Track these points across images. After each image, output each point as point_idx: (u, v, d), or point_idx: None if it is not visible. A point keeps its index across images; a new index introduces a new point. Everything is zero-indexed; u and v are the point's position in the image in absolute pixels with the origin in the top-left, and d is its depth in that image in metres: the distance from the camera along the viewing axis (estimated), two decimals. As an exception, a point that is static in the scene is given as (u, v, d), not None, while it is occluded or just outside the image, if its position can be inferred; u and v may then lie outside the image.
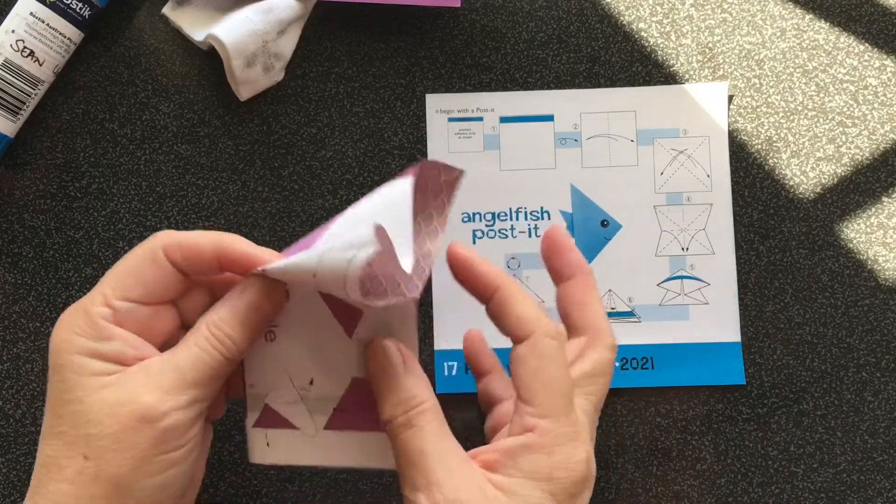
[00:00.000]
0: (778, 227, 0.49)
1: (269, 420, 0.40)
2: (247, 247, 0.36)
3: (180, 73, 0.50)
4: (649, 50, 0.50)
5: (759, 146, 0.50)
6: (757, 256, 0.49)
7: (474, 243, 0.49)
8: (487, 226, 0.49)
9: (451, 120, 0.50)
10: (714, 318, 0.48)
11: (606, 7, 0.50)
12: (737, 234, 0.49)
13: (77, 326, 0.34)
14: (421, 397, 0.35)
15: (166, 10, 0.49)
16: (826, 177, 0.49)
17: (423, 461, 0.34)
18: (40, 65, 0.47)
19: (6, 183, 0.49)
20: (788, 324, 0.48)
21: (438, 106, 0.50)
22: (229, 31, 0.46)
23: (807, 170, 0.49)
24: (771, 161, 0.50)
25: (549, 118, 0.50)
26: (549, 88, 0.50)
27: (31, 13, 0.46)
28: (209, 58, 0.49)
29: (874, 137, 0.50)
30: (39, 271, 0.49)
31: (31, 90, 0.47)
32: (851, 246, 0.49)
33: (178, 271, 0.36)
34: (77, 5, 0.47)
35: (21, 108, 0.47)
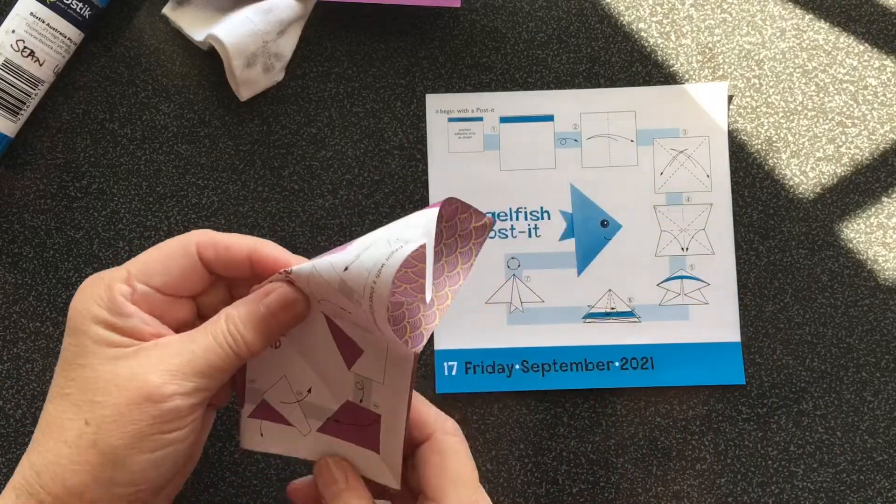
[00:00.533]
0: (778, 227, 0.49)
1: (265, 414, 0.40)
2: (281, 253, 0.37)
3: (180, 74, 0.50)
4: (649, 50, 0.50)
5: (759, 146, 0.50)
6: (757, 256, 0.49)
7: (474, 243, 0.49)
8: (487, 226, 0.49)
9: (451, 120, 0.50)
10: (714, 318, 0.48)
11: (606, 7, 0.50)
12: (737, 234, 0.49)
13: (97, 297, 0.36)
14: None
15: (166, 10, 0.49)
16: (826, 177, 0.49)
17: None
18: (40, 65, 0.47)
19: (6, 183, 0.49)
20: (788, 324, 0.49)
21: (438, 106, 0.50)
22: (229, 32, 0.46)
23: (806, 170, 0.50)
24: (771, 161, 0.50)
25: (549, 118, 0.50)
26: (549, 88, 0.50)
27: (32, 13, 0.46)
28: (209, 58, 0.49)
29: (874, 137, 0.50)
30: (40, 271, 0.49)
31: (32, 90, 0.47)
32: (851, 246, 0.49)
33: (205, 268, 0.37)
34: (77, 5, 0.47)
35: (21, 108, 0.47)
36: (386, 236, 0.34)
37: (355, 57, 0.50)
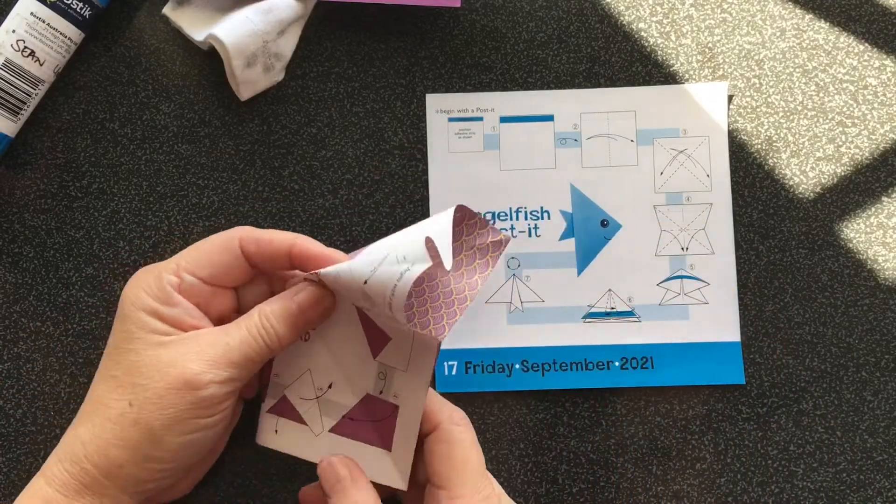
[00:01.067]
0: (778, 226, 0.49)
1: (283, 410, 0.43)
2: (319, 247, 0.40)
3: (181, 73, 0.50)
4: (649, 50, 0.50)
5: (759, 146, 0.50)
6: (757, 256, 0.49)
7: (474, 243, 0.49)
8: (487, 225, 0.49)
9: (451, 120, 0.50)
10: (714, 317, 0.48)
11: (606, 7, 0.50)
12: (736, 234, 0.49)
13: (147, 286, 0.39)
14: None
15: (166, 10, 0.49)
16: (826, 176, 0.49)
17: None
18: (41, 65, 0.47)
19: (7, 183, 0.49)
20: (788, 323, 0.49)
21: (438, 106, 0.50)
22: (229, 32, 0.46)
23: (806, 169, 0.50)
24: (771, 161, 0.50)
25: (549, 118, 0.50)
26: (549, 88, 0.50)
27: (32, 13, 0.46)
28: (209, 58, 0.49)
29: (874, 137, 0.50)
30: (40, 271, 0.49)
31: (32, 90, 0.47)
32: (851, 246, 0.49)
33: (247, 262, 0.41)
34: (77, 5, 0.47)
35: (22, 108, 0.47)
36: (396, 252, 0.37)
37: (355, 57, 0.50)
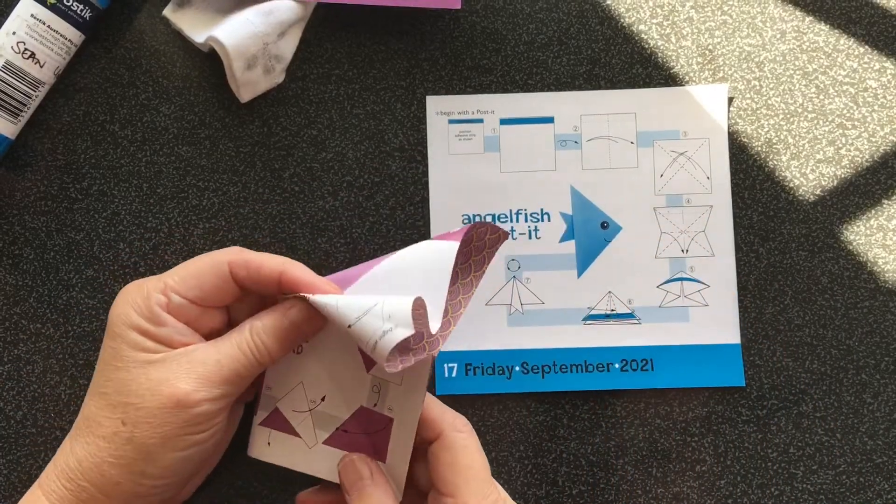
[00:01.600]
0: (778, 229, 0.49)
1: (276, 422, 0.42)
2: (310, 276, 0.40)
3: (181, 75, 0.50)
4: (649, 52, 0.50)
5: (759, 148, 0.50)
6: (757, 258, 0.49)
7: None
8: (488, 227, 0.49)
9: (451, 122, 0.50)
10: (714, 319, 0.48)
11: (607, 9, 0.50)
12: (737, 236, 0.49)
13: (135, 304, 0.39)
14: None
15: (167, 11, 0.49)
16: (826, 179, 0.49)
17: None
18: (41, 66, 0.47)
19: (7, 184, 0.49)
20: (788, 326, 0.49)
21: (439, 108, 0.50)
22: (230, 33, 0.46)
23: (806, 172, 0.50)
24: (771, 163, 0.50)
25: (550, 120, 0.50)
26: (550, 90, 0.50)
27: (32, 15, 0.46)
28: (210, 60, 0.49)
29: (874, 140, 0.50)
30: (40, 273, 0.49)
31: (32, 92, 0.47)
32: (851, 248, 0.49)
33: (236, 285, 0.40)
34: (78, 7, 0.47)
35: (22, 110, 0.47)
36: (383, 307, 0.37)
37: (356, 59, 0.50)
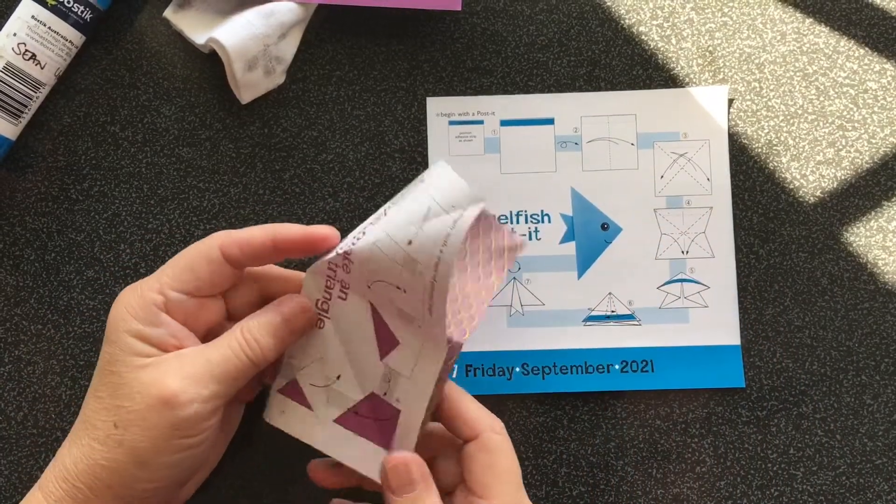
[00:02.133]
0: (778, 230, 0.49)
1: (293, 392, 0.42)
2: (300, 229, 0.39)
3: (181, 76, 0.50)
4: (650, 53, 0.50)
5: (759, 150, 0.50)
6: (757, 260, 0.49)
7: (475, 246, 0.49)
8: (488, 229, 0.49)
9: (451, 123, 0.50)
10: (714, 321, 0.49)
11: (607, 10, 0.50)
12: (737, 238, 0.49)
13: (131, 307, 0.39)
14: None
15: (167, 13, 0.49)
16: (826, 180, 0.50)
17: None
18: (42, 68, 0.47)
19: (8, 185, 0.49)
20: (788, 327, 0.49)
21: (439, 109, 0.50)
22: (230, 35, 0.46)
23: (807, 173, 0.50)
24: (771, 164, 0.50)
25: (550, 121, 0.50)
26: (550, 92, 0.50)
27: (33, 16, 0.46)
28: (210, 61, 0.50)
29: (874, 141, 0.50)
30: (41, 274, 0.49)
31: (33, 93, 0.47)
32: (851, 249, 0.49)
33: (231, 266, 0.40)
34: (78, 8, 0.47)
35: (23, 111, 0.47)
36: (439, 202, 0.36)
37: (356, 60, 0.50)
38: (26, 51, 0.46)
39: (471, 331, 0.40)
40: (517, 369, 0.48)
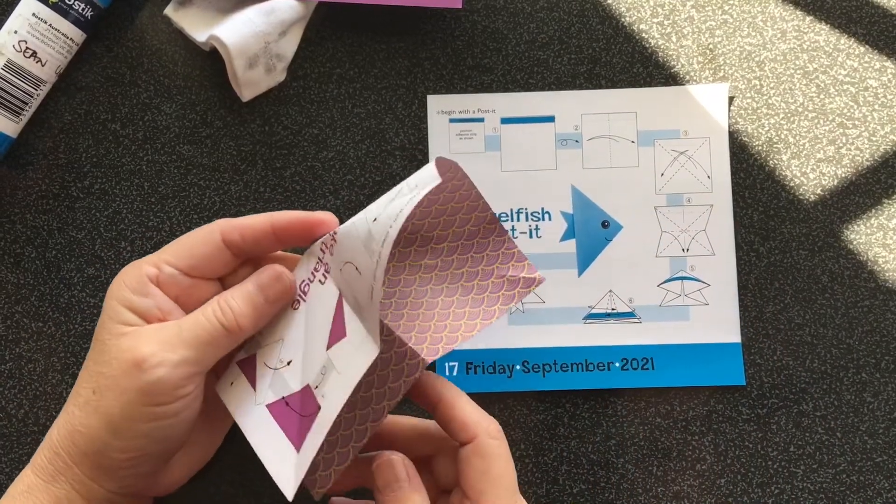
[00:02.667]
0: (778, 228, 0.49)
1: (247, 367, 0.42)
2: (299, 213, 0.40)
3: (182, 74, 0.50)
4: (650, 51, 0.50)
5: (760, 147, 0.50)
6: (757, 257, 0.49)
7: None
8: (488, 226, 0.49)
9: (452, 121, 0.50)
10: (714, 318, 0.49)
11: (607, 8, 0.50)
12: (737, 236, 0.49)
13: (127, 278, 0.39)
14: None
15: (168, 10, 0.49)
16: (826, 178, 0.50)
17: None
18: (42, 65, 0.47)
19: (9, 183, 0.49)
20: (788, 325, 0.49)
21: (440, 107, 0.50)
22: (231, 32, 0.46)
23: (807, 171, 0.50)
24: (771, 162, 0.50)
25: (550, 119, 0.50)
26: (550, 89, 0.50)
27: (34, 14, 0.46)
28: (211, 58, 0.50)
29: (874, 139, 0.50)
30: (42, 271, 0.49)
31: (34, 91, 0.47)
32: (851, 247, 0.49)
33: (229, 252, 0.40)
34: (79, 6, 0.47)
35: (23, 109, 0.47)
36: (403, 184, 0.37)
37: (357, 58, 0.50)
38: (27, 48, 0.46)
39: (444, 352, 0.39)
40: (518, 367, 0.48)
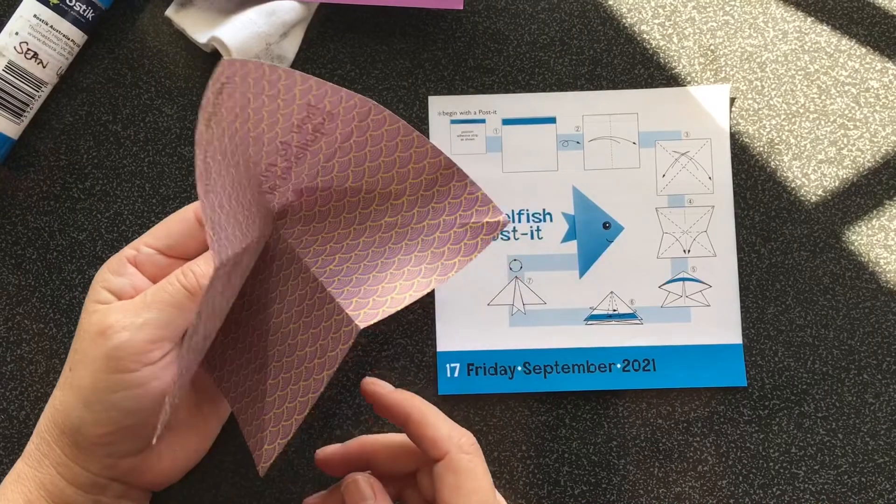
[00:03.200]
0: (779, 229, 0.49)
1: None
2: None
3: (183, 75, 0.50)
4: (651, 52, 0.50)
5: (761, 148, 0.50)
6: (758, 258, 0.49)
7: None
8: (490, 228, 0.49)
9: (453, 122, 0.50)
10: (715, 319, 0.49)
11: (609, 9, 0.50)
12: (738, 237, 0.49)
13: (110, 262, 0.41)
14: None
15: (170, 12, 0.49)
16: (827, 179, 0.50)
17: None
18: (44, 67, 0.47)
19: (10, 184, 0.49)
20: (790, 326, 0.49)
21: (441, 108, 0.50)
22: (233, 34, 0.46)
23: (808, 172, 0.50)
24: (772, 163, 0.50)
25: (552, 120, 0.50)
26: (552, 90, 0.50)
27: (35, 15, 0.46)
28: (212, 60, 0.50)
29: (876, 140, 0.50)
30: (43, 273, 0.49)
31: (35, 92, 0.47)
32: (853, 248, 0.49)
33: (201, 229, 0.41)
34: (80, 7, 0.47)
35: (25, 110, 0.47)
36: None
37: (358, 59, 0.50)
38: (28, 50, 0.46)
39: (384, 315, 0.38)
40: (519, 368, 0.48)
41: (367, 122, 0.40)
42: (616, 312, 0.49)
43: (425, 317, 0.49)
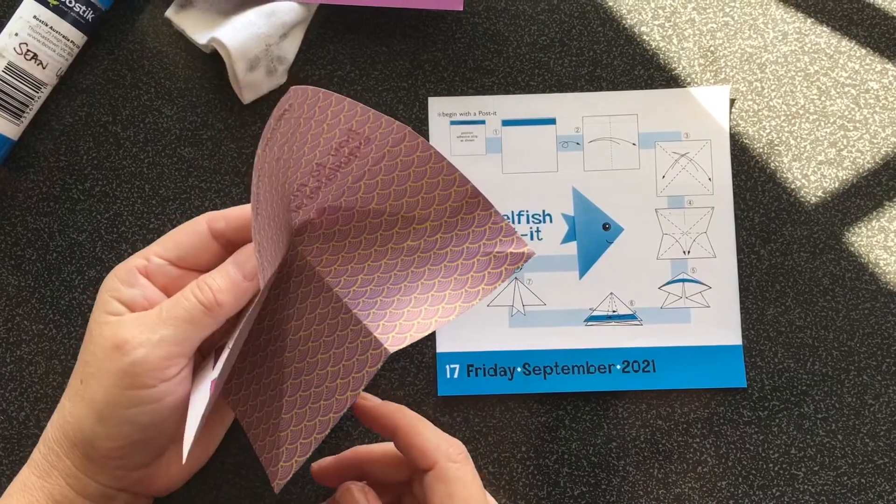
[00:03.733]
0: (779, 230, 0.49)
1: (219, 351, 0.41)
2: None
3: (183, 76, 0.50)
4: (651, 53, 0.50)
5: (761, 150, 0.50)
6: (758, 259, 0.49)
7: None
8: (489, 229, 0.49)
9: (453, 123, 0.50)
10: (715, 320, 0.49)
11: (608, 10, 0.50)
12: (738, 238, 0.49)
13: (119, 271, 0.40)
14: None
15: (169, 13, 0.49)
16: (827, 180, 0.50)
17: None
18: (43, 68, 0.47)
19: (10, 185, 0.49)
20: (789, 327, 0.49)
21: (441, 109, 0.50)
22: (232, 35, 0.46)
23: (808, 173, 0.50)
24: (772, 164, 0.50)
25: (551, 121, 0.50)
26: (551, 91, 0.50)
27: (35, 16, 0.46)
28: (212, 61, 0.50)
29: (875, 141, 0.50)
30: (42, 274, 0.49)
31: (35, 93, 0.47)
32: (852, 249, 0.49)
33: (215, 242, 0.41)
34: (80, 8, 0.47)
35: (24, 111, 0.47)
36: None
37: (358, 60, 0.50)
38: (28, 51, 0.46)
39: (412, 340, 0.38)
40: (519, 369, 0.48)
41: (400, 148, 0.40)
42: (616, 313, 0.49)
43: (425, 318, 0.49)
